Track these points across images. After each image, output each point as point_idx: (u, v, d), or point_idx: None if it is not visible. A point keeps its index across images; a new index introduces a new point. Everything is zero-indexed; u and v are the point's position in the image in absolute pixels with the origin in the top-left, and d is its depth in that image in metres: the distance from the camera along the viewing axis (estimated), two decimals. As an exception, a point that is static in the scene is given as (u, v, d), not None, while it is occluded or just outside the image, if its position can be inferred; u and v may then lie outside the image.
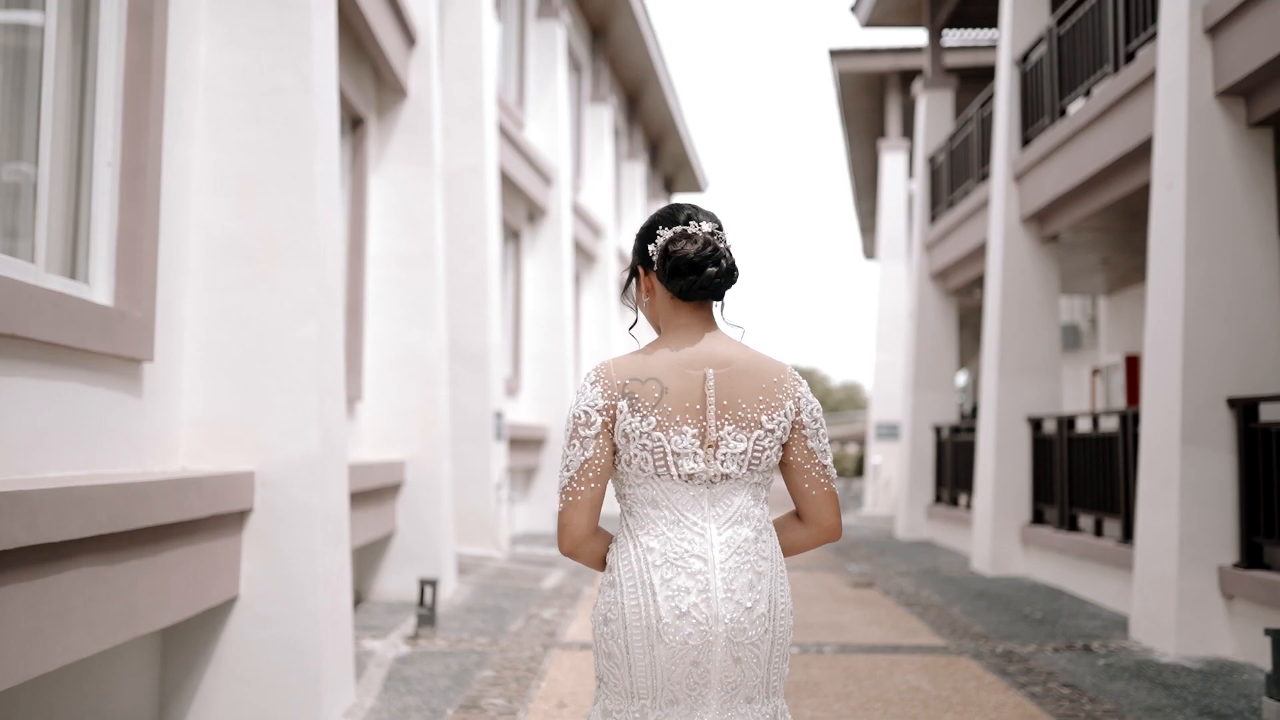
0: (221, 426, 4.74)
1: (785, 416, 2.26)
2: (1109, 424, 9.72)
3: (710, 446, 2.22)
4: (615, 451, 2.25)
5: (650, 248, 2.31)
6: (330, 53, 5.31)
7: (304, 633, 4.74)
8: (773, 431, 2.25)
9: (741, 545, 2.23)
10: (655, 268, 2.30)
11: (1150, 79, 7.77)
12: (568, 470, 2.24)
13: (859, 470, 37.14)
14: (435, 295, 8.56)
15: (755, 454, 2.24)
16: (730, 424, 2.23)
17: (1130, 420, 8.09)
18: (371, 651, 6.26)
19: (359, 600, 8.07)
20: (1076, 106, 9.72)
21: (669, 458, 2.22)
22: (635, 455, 2.23)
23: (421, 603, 6.78)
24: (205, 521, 4.33)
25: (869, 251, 28.90)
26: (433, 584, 6.79)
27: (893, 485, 19.14)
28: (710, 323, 2.32)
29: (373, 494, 7.45)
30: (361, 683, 5.57)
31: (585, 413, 2.23)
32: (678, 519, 2.23)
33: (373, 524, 7.52)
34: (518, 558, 10.73)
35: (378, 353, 8.40)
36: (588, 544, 2.29)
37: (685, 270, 2.26)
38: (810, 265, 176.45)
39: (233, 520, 4.65)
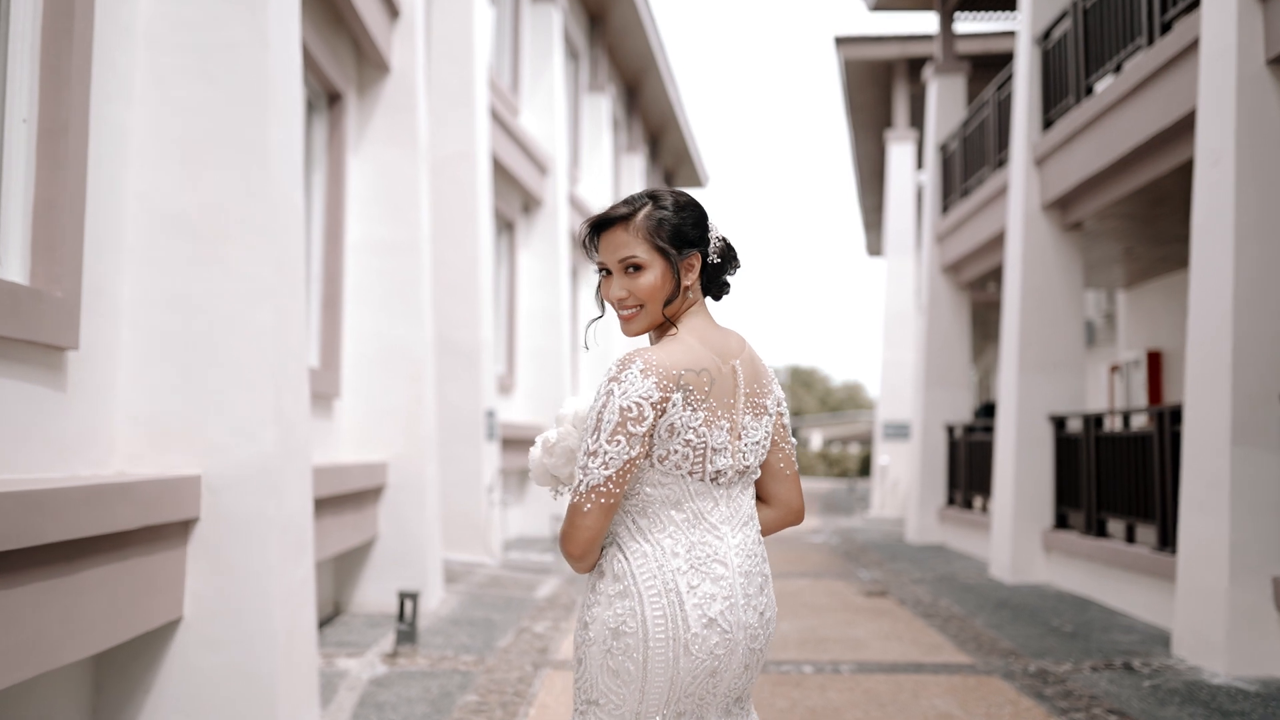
0: (163, 424, 4.17)
1: (774, 399, 2.25)
2: (1140, 422, 9.14)
3: (736, 438, 2.15)
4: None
5: (711, 236, 2.22)
6: (292, 4, 4.73)
7: (259, 657, 4.18)
8: (771, 416, 2.23)
9: (751, 549, 2.16)
10: (710, 258, 2.22)
11: (1190, 50, 7.21)
12: (605, 468, 2.01)
13: (864, 470, 36.48)
14: (420, 286, 7.98)
15: (765, 439, 2.20)
16: (749, 413, 2.18)
17: (1168, 418, 7.51)
18: (345, 672, 5.69)
19: (337, 612, 7.50)
20: (1104, 85, 9.15)
21: (707, 453, 2.11)
22: (674, 451, 2.08)
23: (401, 617, 6.22)
24: (138, 534, 3.76)
25: (873, 248, 28.31)
26: (413, 597, 6.23)
27: (901, 486, 18.54)
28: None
29: (351, 498, 6.89)
30: (329, 710, 5.00)
31: (637, 404, 2.02)
32: (697, 520, 2.12)
33: (351, 530, 6.96)
34: (510, 564, 10.16)
35: (358, 347, 7.82)
36: (597, 549, 2.10)
37: (735, 271, 2.28)
38: (811, 263, 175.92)
39: (175, 531, 4.08)
